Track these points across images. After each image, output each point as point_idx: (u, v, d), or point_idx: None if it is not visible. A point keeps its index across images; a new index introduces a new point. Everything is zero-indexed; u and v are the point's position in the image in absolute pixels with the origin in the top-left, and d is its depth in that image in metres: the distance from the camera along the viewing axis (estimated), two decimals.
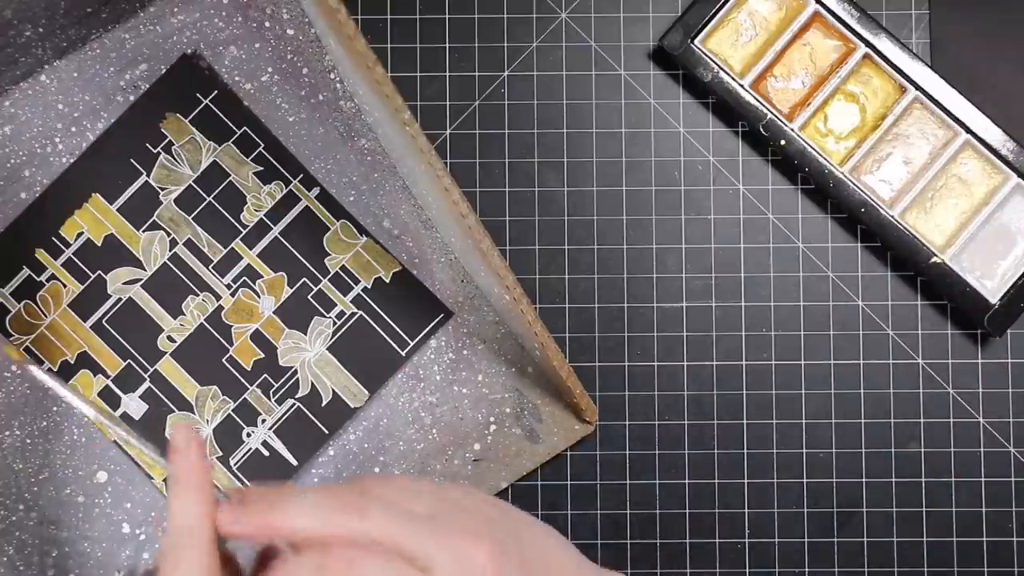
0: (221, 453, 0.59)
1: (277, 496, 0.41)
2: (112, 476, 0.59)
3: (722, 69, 0.60)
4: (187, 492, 0.41)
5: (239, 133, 0.60)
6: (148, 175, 0.60)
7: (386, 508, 0.40)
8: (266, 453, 0.59)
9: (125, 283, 0.60)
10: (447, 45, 0.62)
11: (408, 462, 0.59)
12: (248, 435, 0.59)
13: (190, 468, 0.41)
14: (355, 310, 0.60)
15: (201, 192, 0.60)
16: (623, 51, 0.62)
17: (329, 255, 0.60)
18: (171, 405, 0.59)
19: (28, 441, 0.58)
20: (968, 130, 0.60)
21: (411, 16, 0.62)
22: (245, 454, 0.59)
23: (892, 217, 0.60)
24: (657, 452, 0.61)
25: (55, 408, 0.59)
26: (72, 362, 0.59)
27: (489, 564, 0.40)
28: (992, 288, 0.60)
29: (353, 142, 0.60)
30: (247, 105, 0.60)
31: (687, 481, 0.61)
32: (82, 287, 0.59)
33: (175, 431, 0.41)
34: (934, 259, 0.59)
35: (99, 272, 0.59)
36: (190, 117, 0.60)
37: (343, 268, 0.60)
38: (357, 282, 0.60)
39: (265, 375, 0.59)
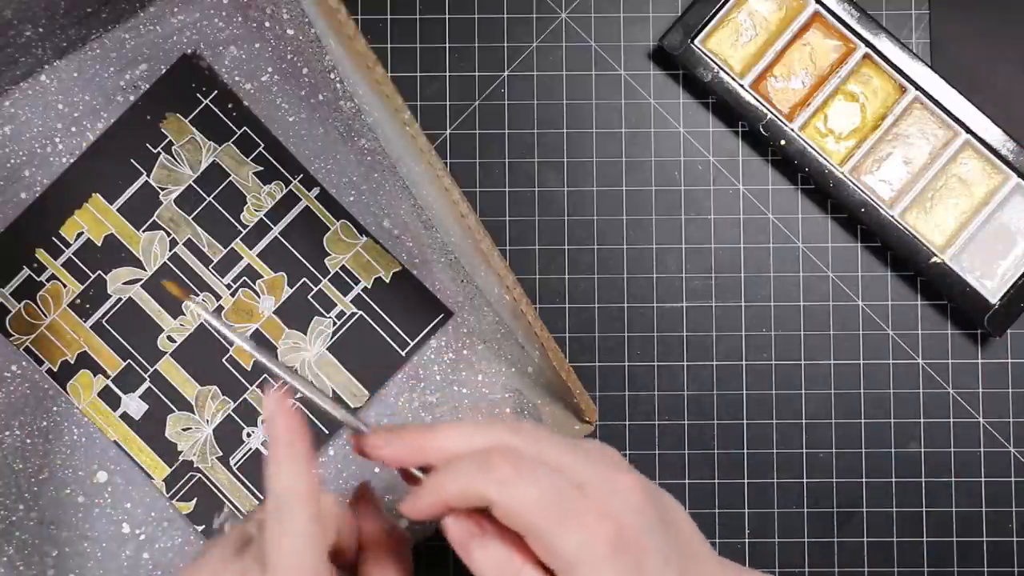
0: (221, 453, 0.59)
1: (428, 424, 0.42)
2: (112, 476, 0.59)
3: (722, 69, 0.60)
4: (288, 454, 0.41)
5: (239, 133, 0.60)
6: (148, 175, 0.60)
7: (537, 429, 0.42)
8: (266, 453, 0.59)
9: (125, 283, 0.60)
10: (447, 45, 0.62)
11: None
12: (248, 435, 0.59)
13: (288, 430, 0.41)
14: (355, 310, 0.60)
15: (201, 192, 0.60)
16: (623, 51, 0.62)
17: (329, 255, 0.60)
18: (171, 405, 0.59)
19: (28, 441, 0.58)
20: (968, 130, 0.60)
21: (411, 16, 0.62)
22: (245, 454, 0.59)
23: (892, 217, 0.60)
24: (657, 452, 0.61)
25: (55, 408, 0.59)
26: (72, 362, 0.59)
27: (638, 493, 0.41)
28: (992, 288, 0.60)
29: (353, 142, 0.60)
30: (247, 105, 0.60)
31: (687, 481, 0.61)
32: (82, 287, 0.59)
33: (267, 398, 0.42)
34: (934, 259, 0.59)
35: (99, 272, 0.59)
36: (190, 117, 0.60)
37: (343, 268, 0.60)
38: (357, 282, 0.60)
39: (265, 375, 0.59)
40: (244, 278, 0.60)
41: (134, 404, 0.59)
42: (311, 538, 0.40)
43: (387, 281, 0.60)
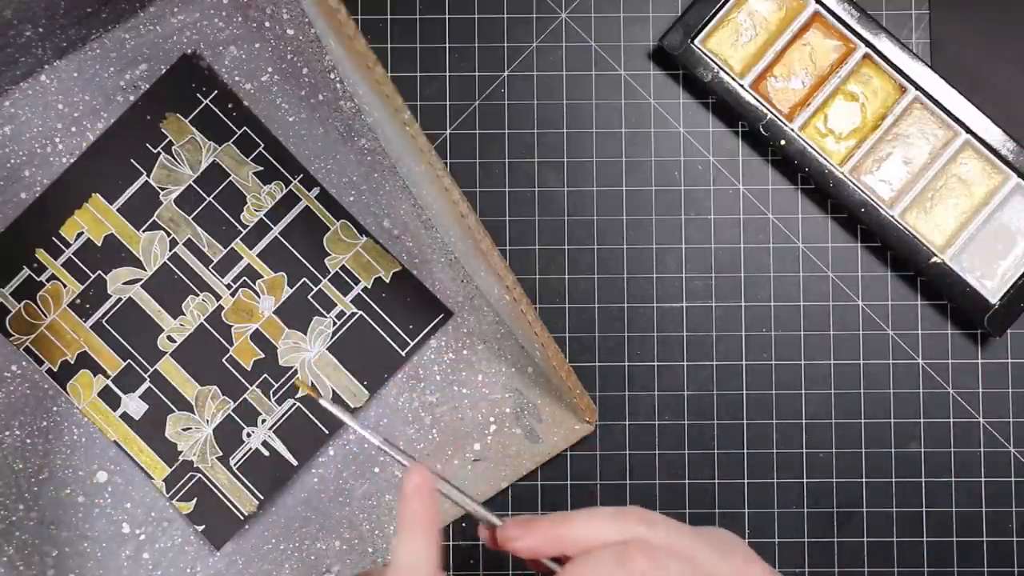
0: (221, 453, 0.59)
1: (560, 515, 0.43)
2: (112, 476, 0.59)
3: (722, 69, 0.60)
4: (413, 533, 0.42)
5: (239, 133, 0.60)
6: (148, 175, 0.60)
7: (669, 522, 0.42)
8: (266, 453, 0.59)
9: (125, 283, 0.60)
10: (447, 45, 0.62)
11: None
12: (248, 435, 0.59)
13: (418, 510, 0.42)
14: (355, 310, 0.60)
15: (201, 192, 0.60)
16: (623, 51, 0.62)
17: (329, 255, 0.60)
18: (171, 405, 0.59)
19: (28, 441, 0.58)
20: (968, 130, 0.60)
21: (411, 16, 0.62)
22: (245, 454, 0.59)
23: (892, 217, 0.60)
24: (657, 452, 0.61)
25: (55, 408, 0.59)
26: (72, 362, 0.59)
27: None
28: (992, 288, 0.60)
29: (353, 142, 0.60)
30: (247, 105, 0.60)
31: (687, 481, 0.61)
32: (82, 287, 0.59)
33: (407, 476, 0.43)
34: (934, 259, 0.59)
35: (99, 272, 0.59)
36: (190, 117, 0.60)
37: (343, 268, 0.60)
38: (357, 282, 0.60)
39: (265, 375, 0.59)
40: (244, 278, 0.60)
41: (134, 404, 0.59)
42: None
43: (387, 281, 0.60)
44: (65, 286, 0.59)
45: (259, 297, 0.60)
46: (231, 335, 0.60)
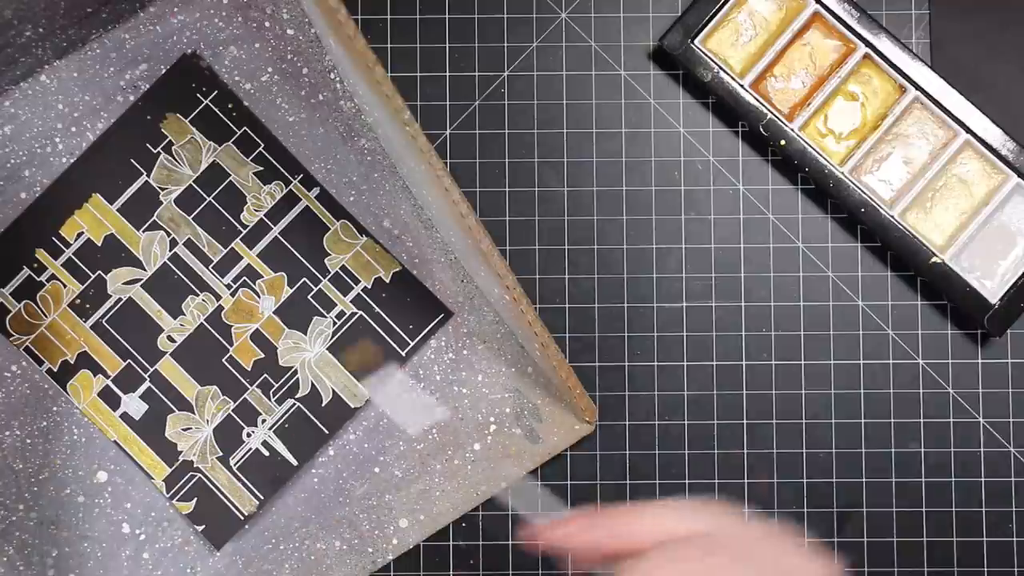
0: (221, 453, 0.59)
1: (619, 508, 0.43)
2: (112, 476, 0.59)
3: (722, 69, 0.60)
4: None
5: (239, 133, 0.60)
6: (148, 175, 0.60)
7: (726, 514, 0.42)
8: (266, 453, 0.59)
9: (125, 283, 0.60)
10: (447, 45, 0.62)
11: (408, 462, 0.59)
12: (248, 435, 0.59)
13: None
14: (355, 310, 0.60)
15: (201, 192, 0.60)
16: (623, 51, 0.62)
17: (329, 255, 0.60)
18: (171, 405, 0.59)
19: (28, 441, 0.58)
20: (968, 130, 0.60)
21: (411, 16, 0.62)
22: (245, 454, 0.59)
23: (892, 217, 0.60)
24: (657, 452, 0.61)
25: (55, 408, 0.59)
26: (72, 362, 0.59)
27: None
28: (992, 288, 0.60)
29: (353, 142, 0.60)
30: (247, 105, 0.60)
31: (687, 481, 0.61)
32: (82, 287, 0.59)
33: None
34: (934, 259, 0.59)
35: (99, 272, 0.59)
36: (190, 117, 0.60)
37: (343, 268, 0.60)
38: (357, 282, 0.60)
39: (265, 375, 0.59)
40: (244, 278, 0.60)
41: (134, 404, 0.59)
42: None
43: (387, 281, 0.60)
44: (65, 286, 0.59)
45: (259, 297, 0.60)
46: (231, 335, 0.60)
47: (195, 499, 0.59)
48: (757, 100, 0.60)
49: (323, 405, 0.59)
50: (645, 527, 0.42)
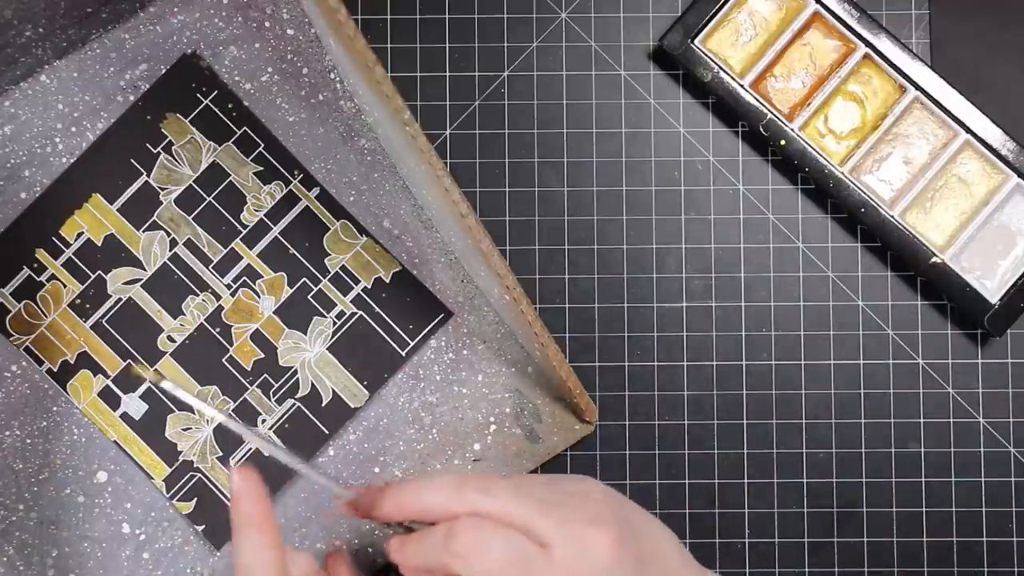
0: (221, 453, 0.59)
1: (406, 482, 0.44)
2: (112, 476, 0.59)
3: (722, 69, 0.60)
4: (248, 532, 0.43)
5: (239, 133, 0.60)
6: (148, 175, 0.60)
7: (509, 488, 0.42)
8: (266, 453, 0.59)
9: (125, 283, 0.60)
10: (447, 45, 0.62)
11: (408, 462, 0.59)
12: None
13: (247, 510, 0.43)
14: (355, 310, 0.60)
15: (201, 192, 0.60)
16: (623, 51, 0.62)
17: (329, 255, 0.60)
18: (171, 405, 0.59)
19: (28, 441, 0.58)
20: (968, 130, 0.60)
21: (411, 16, 0.62)
22: (245, 454, 0.59)
23: (892, 217, 0.60)
24: (657, 452, 0.61)
25: (55, 408, 0.59)
26: (72, 362, 0.59)
27: (608, 549, 0.41)
28: (992, 288, 0.60)
29: (353, 142, 0.60)
30: (247, 105, 0.60)
31: (687, 481, 0.61)
32: (82, 287, 0.59)
33: (233, 477, 0.44)
34: (934, 259, 0.59)
35: (99, 272, 0.59)
36: (190, 117, 0.60)
37: (343, 268, 0.60)
38: (357, 282, 0.60)
39: (265, 375, 0.59)
40: (244, 278, 0.60)
41: (134, 404, 0.59)
42: None
43: (387, 281, 0.60)
44: (65, 286, 0.59)
45: (259, 297, 0.60)
46: (231, 335, 0.60)
47: (195, 499, 0.59)
48: (757, 100, 0.60)
49: (323, 405, 0.59)
50: (416, 505, 0.43)
